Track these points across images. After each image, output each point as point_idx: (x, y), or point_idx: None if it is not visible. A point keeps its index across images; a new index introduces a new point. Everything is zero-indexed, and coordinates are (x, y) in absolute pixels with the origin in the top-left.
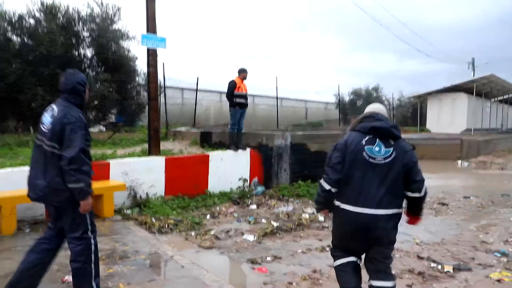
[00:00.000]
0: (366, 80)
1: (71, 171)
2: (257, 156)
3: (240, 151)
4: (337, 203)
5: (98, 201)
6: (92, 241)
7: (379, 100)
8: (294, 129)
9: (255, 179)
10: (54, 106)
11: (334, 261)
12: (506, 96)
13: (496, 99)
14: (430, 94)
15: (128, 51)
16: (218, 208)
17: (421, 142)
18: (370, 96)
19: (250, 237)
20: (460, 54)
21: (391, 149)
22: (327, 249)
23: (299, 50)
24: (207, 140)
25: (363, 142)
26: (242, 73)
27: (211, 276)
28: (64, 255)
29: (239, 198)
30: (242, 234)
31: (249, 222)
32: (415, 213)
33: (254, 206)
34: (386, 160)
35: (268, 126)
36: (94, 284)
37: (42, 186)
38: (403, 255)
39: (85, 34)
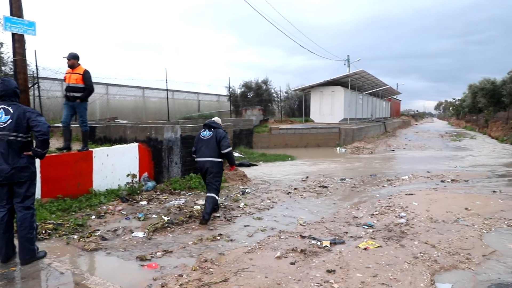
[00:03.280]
0: (256, 74)
1: (46, 140)
2: (146, 150)
3: (120, 147)
4: (197, 158)
5: None
6: (35, 212)
7: (268, 92)
8: (186, 122)
9: (145, 174)
10: (5, 106)
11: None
12: (374, 90)
13: (366, 92)
14: (312, 87)
15: None
16: (104, 207)
17: (306, 131)
18: (260, 88)
19: (140, 234)
20: (338, 52)
21: (212, 132)
22: (218, 237)
23: (191, 43)
24: (91, 136)
25: (201, 131)
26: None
27: (95, 279)
28: None
29: (128, 195)
30: (131, 231)
31: (139, 219)
32: (230, 163)
33: (144, 202)
34: (209, 136)
35: (159, 119)
36: (36, 247)
37: (8, 169)
38: (288, 236)
39: None
